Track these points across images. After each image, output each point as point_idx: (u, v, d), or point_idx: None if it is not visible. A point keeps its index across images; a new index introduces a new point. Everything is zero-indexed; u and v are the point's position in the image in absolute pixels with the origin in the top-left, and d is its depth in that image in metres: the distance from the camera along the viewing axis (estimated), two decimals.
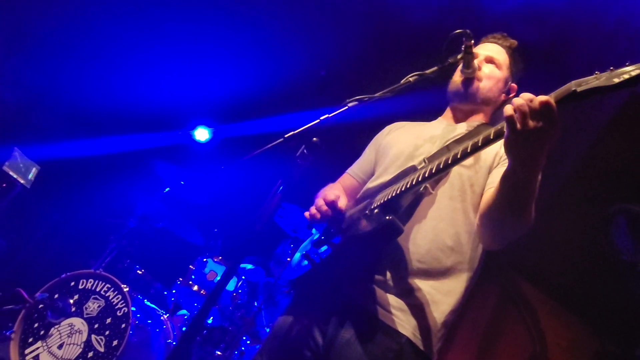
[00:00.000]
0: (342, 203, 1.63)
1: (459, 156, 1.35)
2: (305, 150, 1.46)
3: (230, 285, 3.67)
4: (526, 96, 1.21)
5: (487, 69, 1.88)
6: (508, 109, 1.22)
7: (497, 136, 1.28)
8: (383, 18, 4.14)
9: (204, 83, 5.23)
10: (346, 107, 1.54)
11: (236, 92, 5.05)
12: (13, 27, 4.21)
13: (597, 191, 3.27)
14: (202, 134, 5.78)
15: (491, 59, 1.90)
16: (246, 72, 4.92)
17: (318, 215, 1.64)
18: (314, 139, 1.47)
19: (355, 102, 1.56)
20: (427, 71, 1.72)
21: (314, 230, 3.95)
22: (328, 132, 1.56)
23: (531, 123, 1.19)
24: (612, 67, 1.13)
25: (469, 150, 1.33)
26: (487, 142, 1.30)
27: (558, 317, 4.14)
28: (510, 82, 1.95)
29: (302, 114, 4.90)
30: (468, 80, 1.85)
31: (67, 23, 4.32)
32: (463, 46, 1.74)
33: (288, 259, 3.75)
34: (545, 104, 1.18)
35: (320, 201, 1.65)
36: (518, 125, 1.20)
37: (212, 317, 3.68)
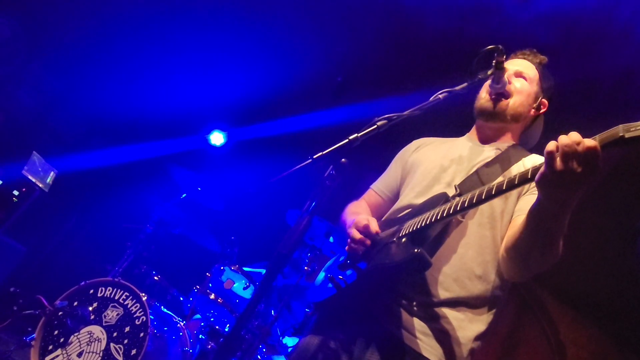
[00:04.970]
0: (374, 226, 1.60)
1: (493, 192, 1.31)
2: (333, 171, 1.43)
3: (247, 294, 3.66)
4: (574, 137, 1.15)
5: (517, 83, 1.82)
6: (551, 146, 1.17)
7: (534, 175, 1.23)
8: (402, 23, 4.09)
9: (219, 88, 5.24)
10: (375, 126, 1.51)
11: (251, 96, 5.05)
12: (33, 33, 4.24)
13: (624, 203, 3.20)
14: (217, 138, 5.79)
15: (520, 73, 1.85)
16: (260, 75, 4.91)
17: (359, 248, 1.60)
18: (343, 160, 1.43)
19: (385, 121, 1.52)
20: (457, 87, 1.67)
21: (331, 239, 3.94)
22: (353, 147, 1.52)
23: (572, 166, 1.14)
24: None
25: (504, 188, 1.29)
26: (524, 181, 1.26)
27: (579, 329, 4.07)
28: (540, 98, 1.88)
29: (316, 117, 4.89)
30: (497, 98, 1.80)
31: (85, 31, 4.35)
32: (494, 61, 1.69)
33: (306, 268, 3.72)
34: (592, 151, 1.12)
35: (354, 232, 1.61)
36: (557, 165, 1.16)
37: (228, 325, 3.67)
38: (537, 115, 1.90)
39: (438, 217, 1.45)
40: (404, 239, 1.52)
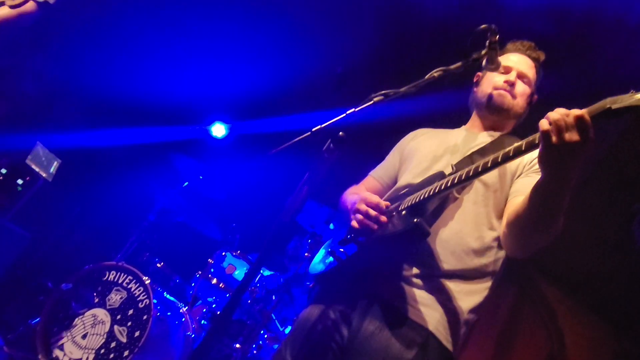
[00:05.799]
0: (383, 202, 1.65)
1: (489, 165, 1.38)
2: (331, 145, 1.47)
3: None
4: (561, 111, 1.23)
5: (520, 87, 1.92)
6: (544, 124, 1.24)
7: (528, 148, 1.30)
8: (402, 13, 4.12)
9: (222, 79, 5.27)
10: (372, 102, 1.55)
11: (253, 89, 5.08)
12: (36, 23, 4.25)
13: (620, 188, 3.24)
14: (219, 130, 5.83)
15: (523, 76, 1.94)
16: (263, 68, 4.94)
17: (371, 225, 1.60)
18: (340, 133, 1.48)
19: (381, 97, 1.56)
20: (452, 66, 1.71)
21: (331, 226, 3.99)
22: (352, 128, 1.57)
23: (566, 137, 1.20)
24: None
25: (499, 160, 1.36)
26: (519, 153, 1.32)
27: (577, 316, 4.10)
28: (534, 95, 2.00)
29: (319, 110, 4.91)
30: (502, 95, 1.89)
31: (88, 17, 4.37)
32: (487, 42, 1.72)
33: (306, 254, 3.77)
34: (580, 119, 1.19)
35: (362, 206, 1.62)
36: (553, 139, 1.22)
37: None
38: (526, 110, 2.01)
39: (437, 191, 1.52)
40: (403, 212, 1.59)
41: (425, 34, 4.08)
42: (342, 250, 1.72)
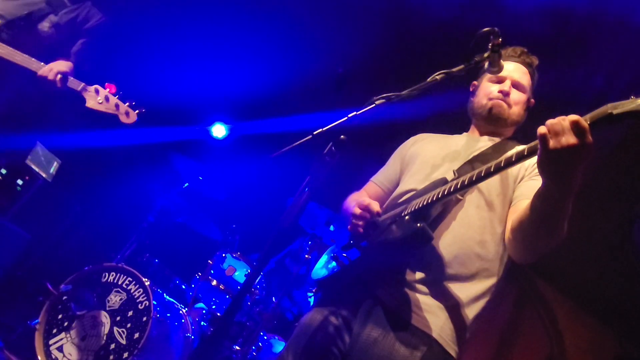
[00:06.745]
0: (376, 206, 1.67)
1: (492, 170, 1.38)
2: (333, 148, 1.47)
3: None
4: (558, 117, 1.23)
5: (515, 95, 1.92)
6: (541, 129, 1.24)
7: (530, 153, 1.30)
8: (403, 14, 4.11)
9: (222, 80, 5.26)
10: (373, 105, 1.54)
11: (254, 89, 5.07)
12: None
13: (620, 191, 3.23)
14: (219, 131, 5.82)
15: (517, 84, 1.94)
16: (263, 69, 4.93)
17: (360, 223, 1.67)
18: (342, 136, 1.48)
19: (383, 100, 1.56)
20: (454, 69, 1.71)
21: (331, 227, 3.98)
22: (353, 129, 1.57)
23: (563, 141, 1.21)
24: None
25: (502, 165, 1.36)
26: (521, 158, 1.32)
27: (577, 318, 4.10)
28: (530, 99, 1.99)
29: (320, 111, 4.91)
30: (498, 105, 1.89)
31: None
32: (490, 44, 1.72)
33: (307, 256, 3.76)
34: (576, 123, 1.20)
35: (356, 209, 1.67)
36: (550, 144, 1.22)
37: None
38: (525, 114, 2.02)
39: (439, 196, 1.51)
40: (406, 217, 1.58)
41: (427, 34, 4.07)
42: (345, 255, 1.71)
